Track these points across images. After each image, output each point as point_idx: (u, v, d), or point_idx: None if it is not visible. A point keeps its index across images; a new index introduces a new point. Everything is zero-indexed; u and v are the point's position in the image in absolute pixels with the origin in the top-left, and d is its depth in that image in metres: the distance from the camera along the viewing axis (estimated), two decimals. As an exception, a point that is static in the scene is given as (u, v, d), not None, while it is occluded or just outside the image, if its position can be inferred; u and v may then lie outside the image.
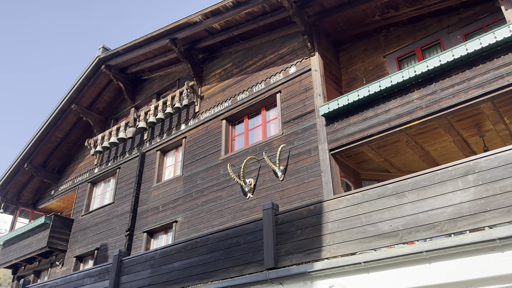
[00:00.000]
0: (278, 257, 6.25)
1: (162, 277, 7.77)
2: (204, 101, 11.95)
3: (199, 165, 10.96)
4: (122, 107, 15.30)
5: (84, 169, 15.22)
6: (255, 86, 10.59)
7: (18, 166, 15.90)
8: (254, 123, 10.55)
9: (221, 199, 9.88)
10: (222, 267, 6.93)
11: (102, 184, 14.38)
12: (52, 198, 16.16)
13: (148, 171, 12.47)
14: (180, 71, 13.48)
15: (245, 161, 9.21)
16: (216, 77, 11.95)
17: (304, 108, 9.18)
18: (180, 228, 10.43)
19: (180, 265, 7.61)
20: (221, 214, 9.66)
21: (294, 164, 8.78)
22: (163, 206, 11.29)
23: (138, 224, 11.71)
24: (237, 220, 9.12)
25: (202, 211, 10.13)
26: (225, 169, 10.18)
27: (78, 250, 13.26)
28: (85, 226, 13.54)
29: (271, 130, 10.05)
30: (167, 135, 12.54)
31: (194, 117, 11.95)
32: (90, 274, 9.31)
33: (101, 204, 13.82)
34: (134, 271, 8.42)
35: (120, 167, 13.59)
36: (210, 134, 11.18)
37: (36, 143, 15.53)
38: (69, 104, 14.89)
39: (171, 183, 11.47)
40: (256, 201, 9.08)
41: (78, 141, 16.13)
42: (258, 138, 10.20)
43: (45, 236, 13.52)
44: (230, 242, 7.05)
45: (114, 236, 12.21)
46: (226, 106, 11.10)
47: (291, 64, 9.98)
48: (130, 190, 12.61)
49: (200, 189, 10.54)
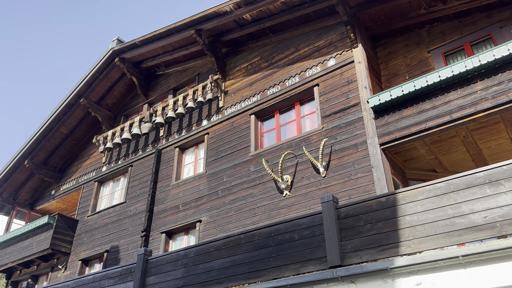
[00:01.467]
0: (343, 254, 5.61)
1: (199, 277, 7.03)
2: (228, 96, 11.34)
3: (225, 162, 10.28)
4: (133, 103, 14.56)
5: (90, 167, 14.34)
6: (287, 79, 10.05)
7: (18, 163, 14.91)
8: (286, 118, 9.96)
9: (253, 197, 9.20)
10: (273, 265, 6.25)
11: (110, 183, 13.52)
12: (53, 199, 15.17)
13: (165, 169, 11.71)
14: (200, 66, 12.88)
15: (283, 156, 8.58)
16: (242, 72, 11.38)
17: (348, 101, 8.66)
18: (205, 228, 9.68)
19: (220, 264, 6.89)
20: (253, 213, 8.97)
21: (338, 159, 8.20)
22: (184, 205, 10.53)
23: (154, 224, 10.90)
24: (273, 219, 8.45)
25: (231, 210, 9.42)
26: (256, 165, 9.54)
27: (84, 253, 12.31)
28: (92, 228, 12.63)
29: (306, 125, 9.49)
30: (186, 132, 11.84)
31: (217, 113, 11.30)
32: (109, 275, 8.47)
33: (110, 204, 12.95)
34: (163, 271, 7.64)
35: (132, 165, 12.79)
36: (237, 129, 10.54)
37: (39, 139, 14.60)
38: (78, 98, 14.09)
39: (192, 181, 10.74)
40: (295, 199, 8.44)
41: (83, 139, 15.26)
42: (292, 134, 9.61)
43: (48, 237, 12.54)
44: (282, 238, 6.38)
45: (126, 237, 11.35)
46: (254, 101, 10.51)
47: (330, 56, 9.49)
48: (145, 189, 11.81)
49: (227, 187, 9.85)
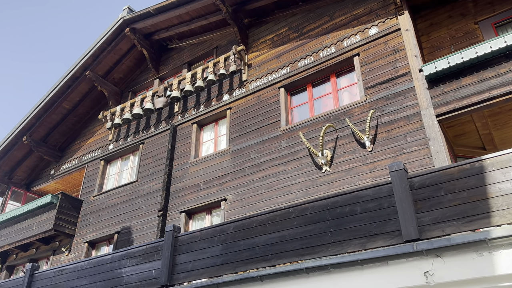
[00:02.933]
0: (421, 227, 4.99)
1: (241, 254, 6.32)
2: (252, 69, 10.59)
3: (252, 137, 9.56)
4: (142, 79, 13.67)
5: (95, 145, 13.43)
6: (321, 50, 9.36)
7: (15, 139, 13.88)
8: (320, 91, 9.29)
9: (286, 173, 8.52)
10: (332, 240, 5.59)
11: (118, 161, 12.65)
12: (52, 178, 14.20)
13: (182, 146, 10.92)
14: (218, 38, 12.08)
15: (324, 129, 7.91)
16: (267, 43, 10.64)
17: (395, 71, 8.02)
18: (232, 207, 8.96)
19: (266, 240, 6.19)
20: (288, 191, 8.29)
21: (386, 133, 7.57)
22: (205, 184, 9.78)
23: (172, 203, 10.12)
24: (311, 196, 7.79)
25: (260, 188, 8.73)
26: (288, 141, 8.85)
27: (90, 235, 11.45)
28: (99, 208, 11.76)
29: (343, 98, 8.84)
30: (205, 107, 11.06)
31: (240, 87, 10.55)
32: (130, 254, 7.69)
33: (118, 184, 12.10)
34: (196, 248, 6.90)
35: (144, 142, 11.95)
36: (264, 104, 9.82)
37: (39, 113, 13.60)
38: (83, 70, 13.13)
39: (214, 158, 10.00)
40: (336, 175, 7.79)
41: (86, 115, 14.31)
42: (327, 108, 8.95)
43: (51, 218, 11.63)
44: (341, 212, 5.72)
45: (139, 217, 10.55)
46: (283, 74, 9.80)
47: (371, 25, 8.84)
48: (160, 167, 11.01)
49: (255, 163, 9.14)
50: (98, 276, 7.95)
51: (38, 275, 9.23)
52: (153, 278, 7.18)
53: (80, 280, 8.23)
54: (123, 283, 7.52)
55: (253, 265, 6.17)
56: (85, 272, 8.24)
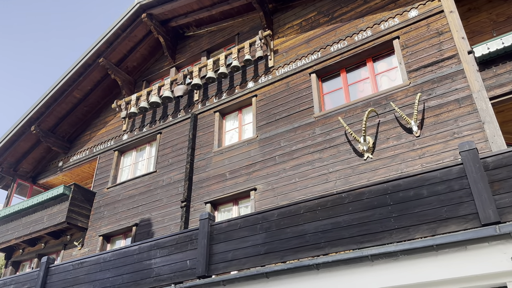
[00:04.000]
0: (500, 209, 4.60)
1: (289, 242, 5.88)
2: (279, 55, 10.17)
3: (281, 125, 9.13)
4: (157, 67, 13.18)
5: (107, 136, 12.89)
6: (356, 34, 8.97)
7: (23, 128, 13.28)
8: (355, 77, 8.90)
9: (322, 161, 8.10)
10: (396, 226, 5.17)
11: (133, 152, 12.13)
12: (60, 171, 13.61)
13: (204, 135, 10.45)
14: (239, 25, 11.64)
15: (367, 113, 7.51)
16: (295, 28, 10.23)
17: (440, 54, 7.65)
18: (262, 197, 8.51)
19: (317, 227, 5.75)
20: (325, 179, 7.86)
21: (435, 117, 7.19)
22: (231, 173, 9.32)
23: (195, 194, 9.64)
24: (352, 185, 7.37)
25: (294, 177, 8.29)
26: (323, 128, 8.44)
27: (105, 228, 10.91)
28: (114, 200, 11.23)
29: (381, 83, 8.45)
30: (227, 95, 10.61)
31: (266, 73, 10.12)
32: (160, 244, 7.20)
33: (134, 175, 11.58)
34: (235, 237, 6.44)
35: (161, 132, 11.45)
36: (293, 90, 9.40)
37: (49, 102, 13.02)
38: (96, 57, 12.60)
39: (240, 147, 9.54)
40: (380, 162, 7.39)
41: (97, 105, 13.76)
42: (363, 94, 8.55)
43: (63, 210, 11.07)
44: (404, 196, 5.31)
45: (160, 209, 10.04)
46: (314, 59, 9.39)
47: (410, 7, 8.47)
48: (180, 157, 10.52)
49: (286, 151, 8.70)
50: (124, 268, 7.45)
51: (54, 268, 8.66)
52: (188, 269, 6.70)
53: (104, 273, 7.71)
54: (153, 275, 7.03)
55: (303, 254, 5.73)
56: (109, 264, 7.73)
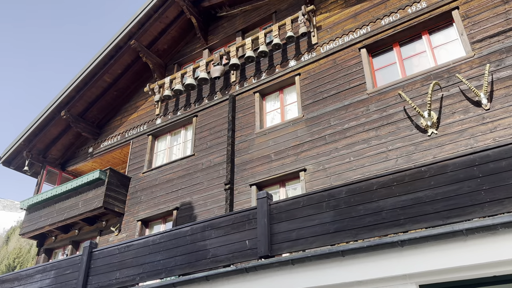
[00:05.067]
0: None
1: (362, 220, 5.51)
2: (322, 32, 9.76)
3: (330, 103, 8.74)
4: (188, 50, 12.82)
5: (139, 121, 12.60)
6: (409, 6, 8.53)
7: (52, 114, 13.04)
8: (409, 50, 8.46)
9: (379, 139, 7.71)
10: (488, 199, 4.77)
11: (167, 136, 11.83)
12: (91, 157, 13.38)
13: (243, 117, 10.11)
14: (276, 3, 11.22)
15: (432, 86, 7.10)
16: (339, 3, 9.79)
17: (507, 23, 7.19)
18: (313, 177, 8.16)
19: (394, 203, 5.38)
20: (384, 157, 7.49)
21: (505, 89, 6.76)
22: (277, 154, 8.98)
23: (238, 176, 9.32)
24: (416, 162, 6.98)
25: (348, 156, 7.92)
26: (378, 104, 8.04)
27: (143, 213, 10.65)
28: (151, 185, 10.95)
29: (439, 56, 8.01)
30: (267, 75, 10.23)
31: (310, 51, 9.72)
32: (214, 225, 6.88)
33: (169, 159, 11.29)
34: (299, 215, 6.08)
35: (197, 115, 11.13)
36: (341, 67, 9.00)
37: (79, 86, 12.76)
38: (127, 39, 12.27)
39: (285, 127, 9.18)
40: (446, 138, 6.98)
41: (127, 90, 13.46)
42: (419, 68, 8.13)
43: (99, 195, 10.83)
44: (494, 167, 4.90)
45: (201, 192, 9.75)
46: (363, 34, 8.97)
47: (469, -24, 8.00)
48: (219, 140, 10.20)
49: (338, 130, 8.33)
50: (176, 250, 7.15)
51: (98, 252, 8.39)
52: (248, 249, 6.36)
53: (154, 256, 7.42)
54: (209, 256, 6.71)
55: (380, 231, 5.36)
56: (159, 246, 7.44)
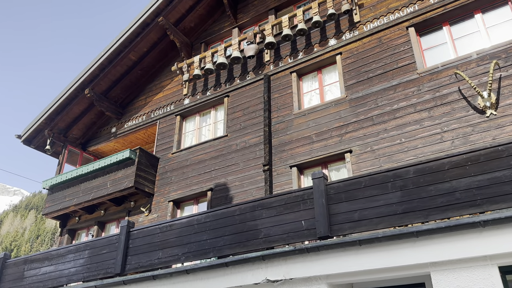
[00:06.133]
0: None
1: (434, 201, 5.31)
2: (365, 10, 9.45)
3: (376, 83, 8.50)
4: (216, 29, 12.48)
5: (165, 101, 12.32)
6: (461, -16, 8.24)
7: (75, 92, 12.72)
8: (461, 30, 8.20)
9: (432, 120, 7.49)
10: None
11: (196, 117, 11.57)
12: (115, 137, 13.12)
13: (280, 97, 9.85)
14: (312, -19, 10.88)
15: (492, 65, 6.87)
16: (382, -19, 9.48)
17: None
18: (360, 159, 7.96)
19: (468, 183, 5.16)
20: (438, 139, 7.28)
21: None
22: (318, 135, 8.76)
23: (277, 158, 9.11)
24: (474, 144, 6.79)
25: (398, 137, 7.71)
26: (430, 84, 7.81)
27: (174, 193, 10.45)
28: (182, 165, 10.73)
29: (494, 35, 7.75)
30: (305, 54, 9.95)
31: (351, 29, 9.43)
32: (264, 205, 6.66)
33: (198, 140, 11.06)
34: (361, 196, 5.88)
35: (229, 95, 10.86)
36: (387, 46, 8.73)
37: (103, 64, 12.42)
38: (155, 16, 11.90)
39: (327, 108, 8.95)
40: (507, 119, 6.78)
41: (152, 69, 13.14)
42: (471, 48, 7.87)
43: (130, 175, 10.60)
44: None
45: (236, 173, 9.55)
46: (410, 12, 8.69)
47: (529, -48, 7.71)
48: (253, 120, 9.96)
49: (386, 111, 8.10)
50: (224, 230, 6.95)
51: (137, 232, 8.19)
52: (305, 230, 6.18)
53: (199, 235, 7.23)
54: (261, 236, 6.52)
55: (454, 212, 5.18)
56: (205, 226, 7.24)
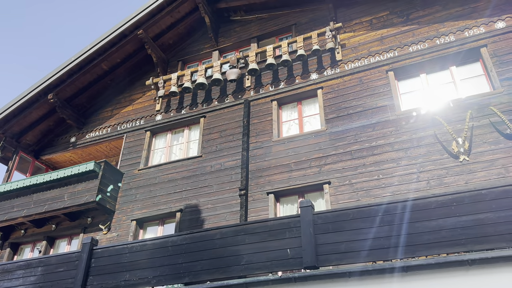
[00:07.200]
0: None
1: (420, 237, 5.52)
2: (347, 50, 9.94)
3: (356, 120, 8.86)
4: (195, 49, 12.45)
5: (135, 114, 11.92)
6: (438, 38, 8.97)
7: (37, 95, 11.93)
8: (435, 79, 8.86)
9: (409, 159, 7.91)
10: (551, 227, 5.06)
11: (168, 134, 11.27)
12: (73, 147, 12.38)
13: (260, 123, 9.93)
14: (296, 15, 11.30)
15: (468, 115, 7.45)
16: (364, 25, 10.07)
17: (535, 66, 7.80)
18: (338, 191, 8.15)
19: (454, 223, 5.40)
20: (415, 178, 7.68)
21: (535, 125, 7.26)
22: (297, 164, 8.88)
23: (253, 183, 9.07)
24: (449, 186, 7.23)
25: (376, 173, 8.02)
26: (407, 126, 8.28)
27: (138, 212, 9.96)
28: (149, 183, 10.31)
29: (464, 88, 8.46)
30: (286, 84, 10.19)
31: (333, 66, 9.84)
32: (248, 230, 6.47)
33: (169, 158, 10.75)
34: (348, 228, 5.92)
35: (206, 116, 10.75)
36: (368, 86, 9.19)
37: (73, 70, 11.83)
38: (134, 28, 11.66)
39: (306, 138, 9.14)
40: (478, 165, 7.32)
41: (122, 80, 12.71)
42: (445, 97, 8.50)
43: (92, 189, 9.97)
44: (556, 197, 5.22)
45: (209, 196, 9.34)
46: (390, 57, 9.27)
47: (497, 18, 8.61)
48: (231, 144, 9.90)
49: (365, 147, 8.43)
50: (202, 253, 6.71)
51: (101, 251, 7.67)
52: (290, 258, 6.15)
53: (174, 258, 6.91)
54: (243, 262, 6.36)
55: (439, 250, 5.44)
56: (180, 248, 6.94)
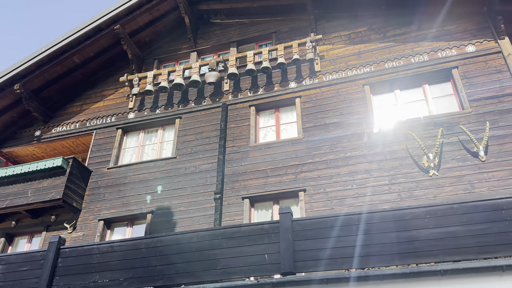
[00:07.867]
0: None
1: (395, 247, 5.76)
2: (325, 61, 10.19)
3: (333, 130, 9.08)
4: (172, 48, 12.30)
5: (106, 111, 11.58)
6: (412, 56, 9.39)
7: (3, 85, 11.31)
8: (408, 96, 9.25)
9: (381, 172, 8.20)
10: (516, 242, 5.42)
11: (140, 133, 11.02)
12: (37, 141, 11.83)
13: (237, 128, 9.94)
14: (276, 24, 11.44)
15: (440, 132, 7.84)
16: (343, 39, 10.37)
17: (501, 90, 8.33)
18: (313, 199, 8.30)
19: (428, 234, 5.69)
20: (386, 190, 7.96)
21: (499, 146, 7.75)
22: (273, 171, 8.96)
23: (228, 187, 9.05)
24: (418, 199, 7.57)
25: (351, 183, 8.25)
26: (382, 139, 8.59)
27: (106, 212, 9.65)
28: (118, 183, 10.02)
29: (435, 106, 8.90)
30: (264, 91, 10.28)
31: (312, 77, 10.05)
32: (226, 234, 6.49)
33: (141, 158, 10.51)
34: (326, 236, 6.05)
35: (182, 117, 10.62)
36: (345, 98, 9.46)
37: (42, 61, 11.32)
38: (111, 23, 11.35)
39: (283, 145, 9.25)
40: (446, 181, 7.70)
41: (94, 75, 12.34)
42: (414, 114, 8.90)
43: (58, 185, 9.55)
44: (520, 213, 5.59)
45: (182, 198, 9.22)
46: (367, 72, 9.60)
47: (467, 42, 9.13)
48: (206, 146, 9.84)
49: (340, 157, 8.65)
50: (178, 257, 6.65)
51: (69, 250, 7.41)
52: (268, 264, 6.22)
53: (147, 260, 6.81)
54: (220, 267, 6.36)
55: (413, 260, 5.70)
56: (154, 251, 6.86)
